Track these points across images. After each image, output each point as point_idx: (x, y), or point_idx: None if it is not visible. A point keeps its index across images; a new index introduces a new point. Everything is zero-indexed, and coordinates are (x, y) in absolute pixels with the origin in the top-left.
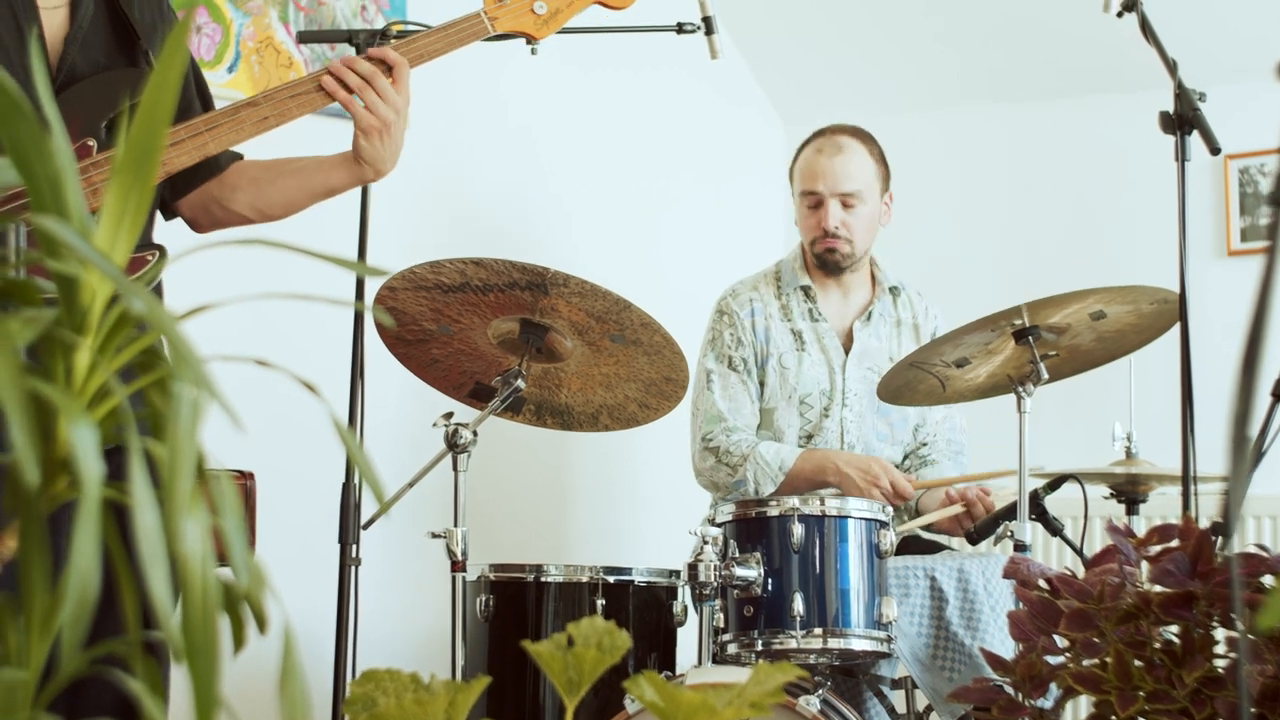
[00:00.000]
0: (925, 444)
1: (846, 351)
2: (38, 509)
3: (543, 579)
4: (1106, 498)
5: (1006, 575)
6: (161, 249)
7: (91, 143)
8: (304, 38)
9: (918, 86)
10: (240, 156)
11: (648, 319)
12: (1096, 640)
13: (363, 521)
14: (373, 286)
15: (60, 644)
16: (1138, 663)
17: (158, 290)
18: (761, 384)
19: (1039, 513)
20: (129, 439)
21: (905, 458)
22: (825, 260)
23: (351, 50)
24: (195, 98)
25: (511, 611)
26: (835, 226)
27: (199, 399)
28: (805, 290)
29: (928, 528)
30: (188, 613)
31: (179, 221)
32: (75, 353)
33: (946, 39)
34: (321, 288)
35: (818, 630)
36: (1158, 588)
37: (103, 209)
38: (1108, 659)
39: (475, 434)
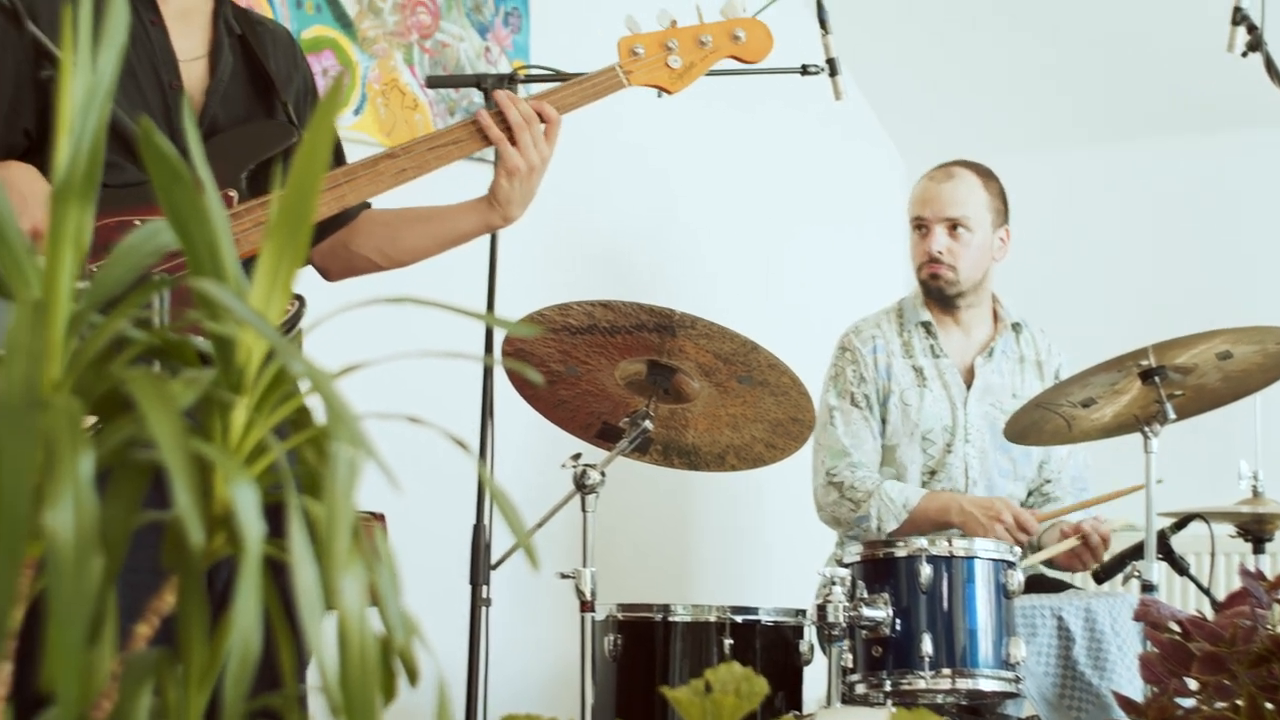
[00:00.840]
0: (1049, 480)
1: (968, 387)
2: (197, 566)
3: (670, 619)
4: (1233, 536)
5: (1137, 618)
6: (301, 299)
7: (233, 194)
8: (432, 82)
9: (1040, 125)
10: (369, 204)
11: (775, 360)
12: (1229, 683)
13: (493, 561)
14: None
15: (217, 697)
16: (1270, 706)
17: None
18: (884, 420)
19: (1165, 552)
20: (286, 496)
21: (1029, 494)
22: (930, 287)
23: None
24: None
25: (639, 651)
26: (939, 252)
27: (355, 458)
28: (926, 326)
29: (1050, 564)
30: (346, 668)
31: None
32: (232, 411)
33: (1069, 77)
34: (451, 331)
35: (946, 670)
36: None
37: (256, 270)
38: (1240, 702)
39: (603, 474)
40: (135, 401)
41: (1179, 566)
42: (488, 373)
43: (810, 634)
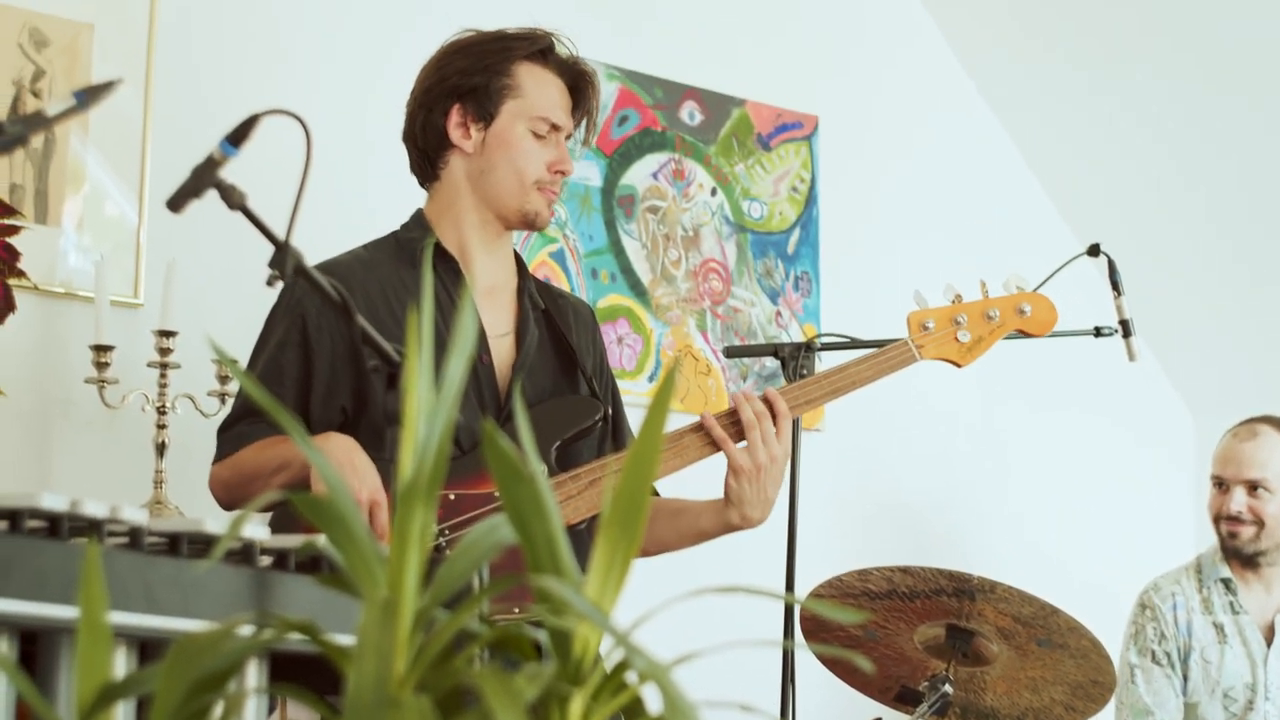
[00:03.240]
0: None
1: (1268, 644)
2: None
3: None
4: None
5: None
6: None
7: (542, 468)
8: (730, 352)
9: None
10: None
11: (1074, 623)
12: None
13: None
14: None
15: None
16: None
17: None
18: (1185, 678)
19: None
20: None
21: None
22: (1227, 544)
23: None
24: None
25: None
26: (1237, 511)
27: None
28: (1225, 583)
29: None
30: None
31: None
32: (569, 702)
33: None
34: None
35: None
36: None
37: (592, 564)
38: None
39: None
40: (483, 698)
41: None
42: (788, 629)
43: None
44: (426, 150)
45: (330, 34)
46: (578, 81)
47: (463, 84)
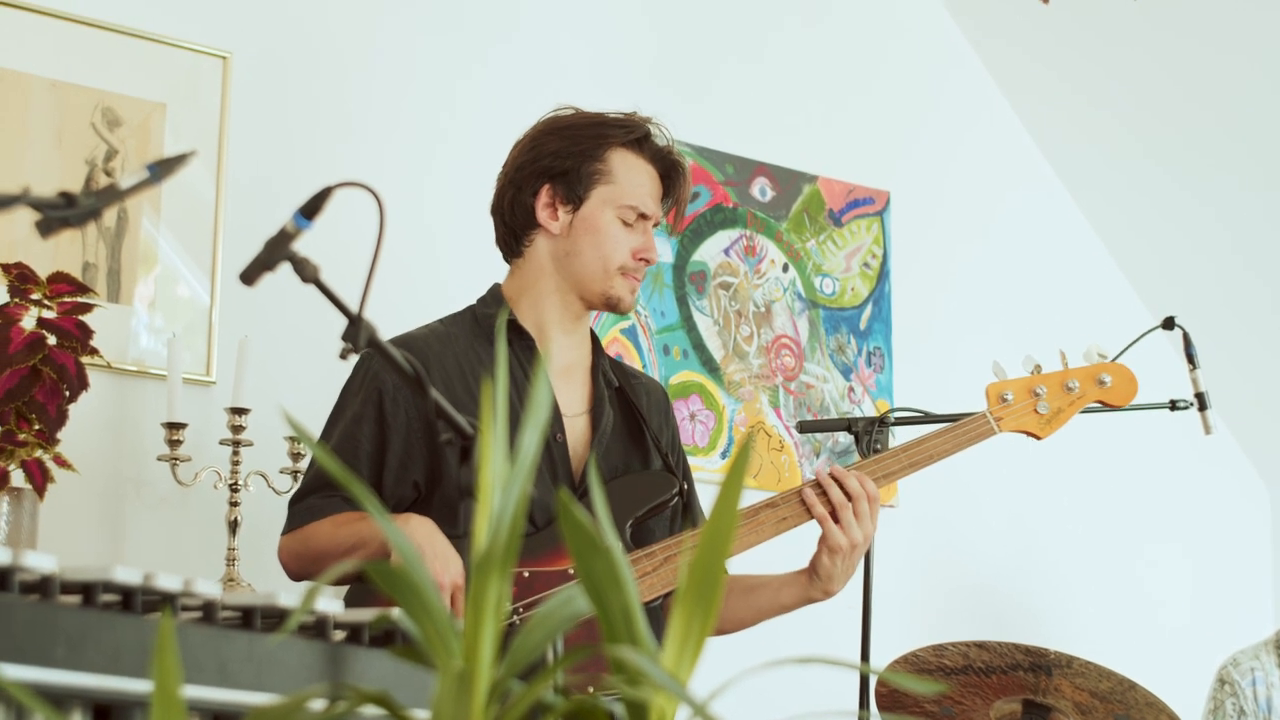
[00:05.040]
0: None
1: None
2: None
3: None
4: None
5: None
6: None
7: (617, 543)
8: (803, 427)
9: None
10: None
11: (1152, 698)
12: None
13: None
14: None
15: None
16: None
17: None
18: None
19: None
20: None
21: None
22: None
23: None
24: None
25: None
26: None
27: None
28: None
29: None
30: None
31: None
32: None
33: None
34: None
35: None
36: None
37: (668, 635)
38: None
39: None
40: None
41: None
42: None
43: None
44: (513, 226)
45: (396, 108)
46: (670, 171)
47: (554, 165)
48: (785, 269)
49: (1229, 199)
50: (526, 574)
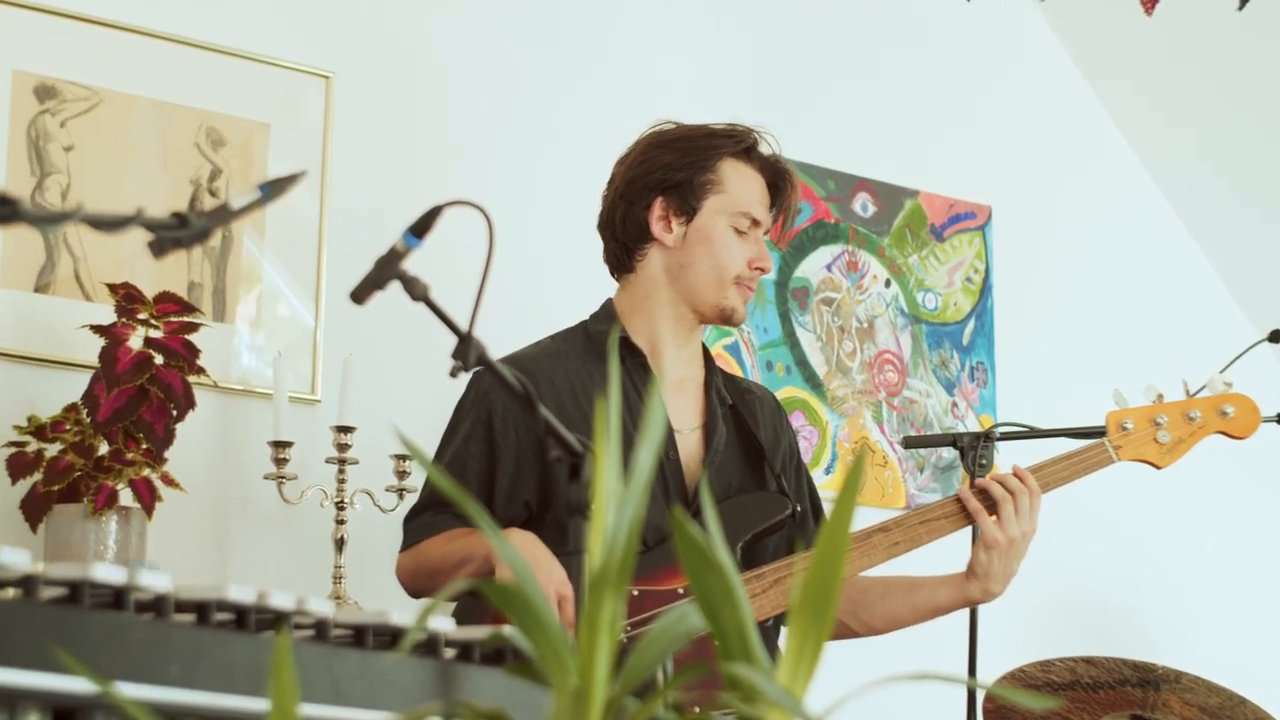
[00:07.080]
0: None
1: None
2: None
3: None
4: None
5: None
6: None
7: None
8: (909, 443)
9: None
10: None
11: (1263, 713)
12: None
13: None
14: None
15: None
16: None
17: None
18: None
19: None
20: None
21: None
22: None
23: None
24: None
25: None
26: None
27: None
28: None
29: None
30: None
31: None
32: None
33: None
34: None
35: None
36: None
37: (784, 651)
38: None
39: None
40: None
41: None
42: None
43: None
44: (625, 242)
45: (498, 126)
46: (778, 179)
47: (667, 178)
48: (887, 284)
49: None
50: (636, 592)
